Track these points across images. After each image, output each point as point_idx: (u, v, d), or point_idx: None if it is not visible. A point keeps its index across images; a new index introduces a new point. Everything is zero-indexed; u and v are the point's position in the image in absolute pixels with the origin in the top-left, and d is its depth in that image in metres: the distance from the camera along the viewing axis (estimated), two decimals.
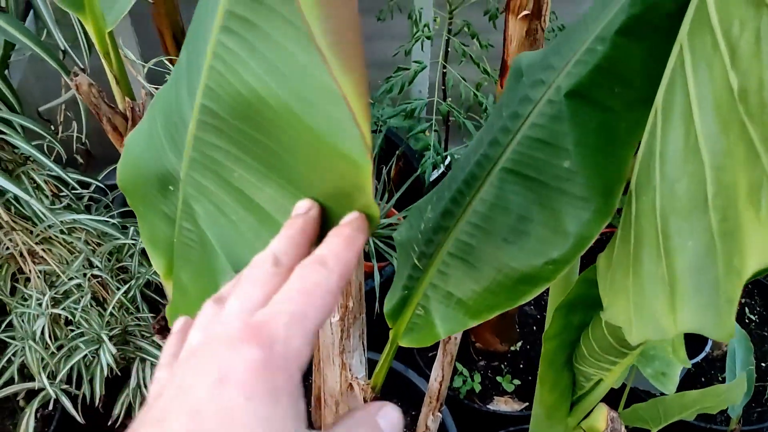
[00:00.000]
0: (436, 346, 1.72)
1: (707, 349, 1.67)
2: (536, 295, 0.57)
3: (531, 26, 0.99)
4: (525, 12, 0.98)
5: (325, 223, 0.44)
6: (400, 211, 1.71)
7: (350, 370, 0.82)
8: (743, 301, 1.97)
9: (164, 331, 0.60)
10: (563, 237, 0.54)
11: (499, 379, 1.72)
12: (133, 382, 1.36)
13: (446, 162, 1.83)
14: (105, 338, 1.28)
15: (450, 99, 1.83)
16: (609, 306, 0.59)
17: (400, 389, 1.53)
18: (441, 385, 0.98)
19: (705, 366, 1.78)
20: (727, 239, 0.41)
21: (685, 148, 0.46)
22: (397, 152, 1.91)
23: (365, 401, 0.82)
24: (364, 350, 0.84)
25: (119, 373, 1.37)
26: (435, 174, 1.82)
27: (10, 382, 1.36)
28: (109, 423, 1.37)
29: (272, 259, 0.40)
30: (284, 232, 0.42)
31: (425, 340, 0.64)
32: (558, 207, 0.54)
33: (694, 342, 1.67)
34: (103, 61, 0.67)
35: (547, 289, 0.91)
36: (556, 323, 0.80)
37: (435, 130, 1.80)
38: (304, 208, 0.43)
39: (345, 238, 0.40)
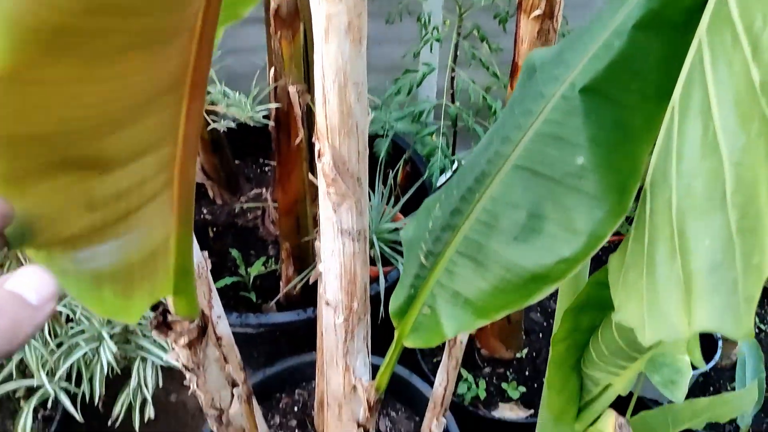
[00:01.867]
0: (441, 352, 1.71)
1: (716, 358, 1.64)
2: (547, 295, 0.55)
3: (543, 26, 0.98)
4: (537, 12, 0.97)
5: None
6: (407, 215, 1.70)
7: (354, 372, 0.81)
8: None
9: (162, 326, 0.58)
10: (575, 235, 0.52)
11: (504, 385, 1.70)
12: (133, 382, 1.34)
13: (454, 166, 1.81)
14: (106, 336, 1.27)
15: (458, 103, 1.82)
16: (621, 307, 0.57)
17: (404, 395, 1.51)
18: (445, 390, 0.96)
19: (714, 376, 1.75)
20: (746, 237, 0.39)
21: (703, 144, 0.44)
22: (404, 157, 1.89)
23: (368, 403, 0.81)
24: (368, 353, 0.83)
25: (120, 373, 1.35)
26: (442, 178, 1.80)
27: (9, 378, 1.34)
28: (109, 423, 1.35)
29: None
30: None
31: (431, 340, 0.63)
32: (570, 205, 0.52)
33: (702, 351, 1.64)
34: None
35: (555, 295, 0.90)
36: (566, 325, 0.78)
37: (443, 134, 1.79)
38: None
39: None
